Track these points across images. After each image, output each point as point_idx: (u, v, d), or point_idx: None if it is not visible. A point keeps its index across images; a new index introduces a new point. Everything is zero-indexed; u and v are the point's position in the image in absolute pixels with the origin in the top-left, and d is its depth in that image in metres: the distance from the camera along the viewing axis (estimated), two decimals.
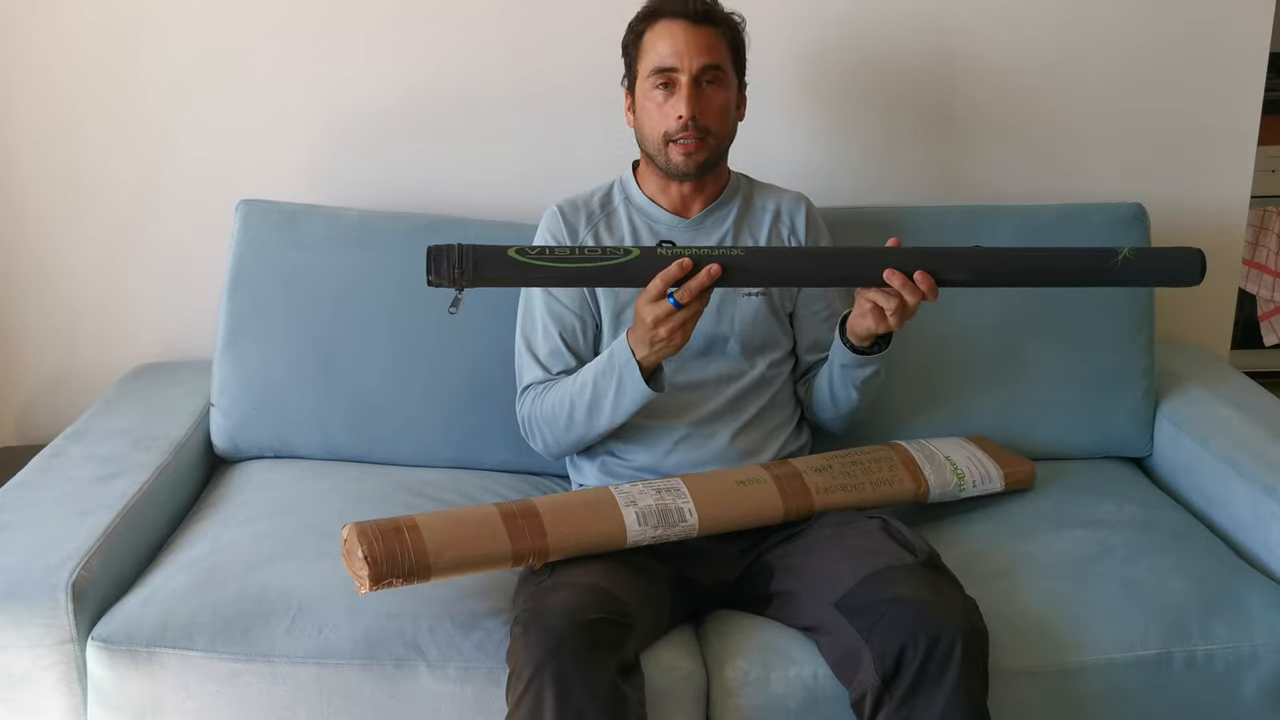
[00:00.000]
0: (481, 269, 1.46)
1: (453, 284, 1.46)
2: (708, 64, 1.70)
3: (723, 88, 1.73)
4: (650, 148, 1.76)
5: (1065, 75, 2.22)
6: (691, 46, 1.69)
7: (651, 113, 1.73)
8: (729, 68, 1.74)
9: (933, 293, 1.54)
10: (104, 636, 1.53)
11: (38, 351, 2.25)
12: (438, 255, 1.45)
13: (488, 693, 1.51)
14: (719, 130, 1.74)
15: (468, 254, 1.45)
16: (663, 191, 1.81)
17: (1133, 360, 2.04)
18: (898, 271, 1.53)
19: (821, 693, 1.52)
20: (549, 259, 1.47)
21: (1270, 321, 3.34)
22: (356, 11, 2.12)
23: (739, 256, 1.52)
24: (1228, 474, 1.84)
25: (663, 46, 1.71)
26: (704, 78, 1.71)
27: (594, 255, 1.49)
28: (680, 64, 1.69)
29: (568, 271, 1.47)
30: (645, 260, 1.50)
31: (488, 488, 1.89)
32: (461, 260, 1.45)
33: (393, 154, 2.18)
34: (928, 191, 2.23)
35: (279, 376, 1.96)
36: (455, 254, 1.45)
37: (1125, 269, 1.54)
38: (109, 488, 1.74)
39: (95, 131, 2.15)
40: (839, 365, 1.77)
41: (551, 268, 1.47)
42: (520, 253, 1.46)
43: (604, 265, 1.49)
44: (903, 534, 1.61)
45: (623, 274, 1.51)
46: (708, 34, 1.71)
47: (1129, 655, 1.57)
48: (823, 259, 1.66)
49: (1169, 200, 2.25)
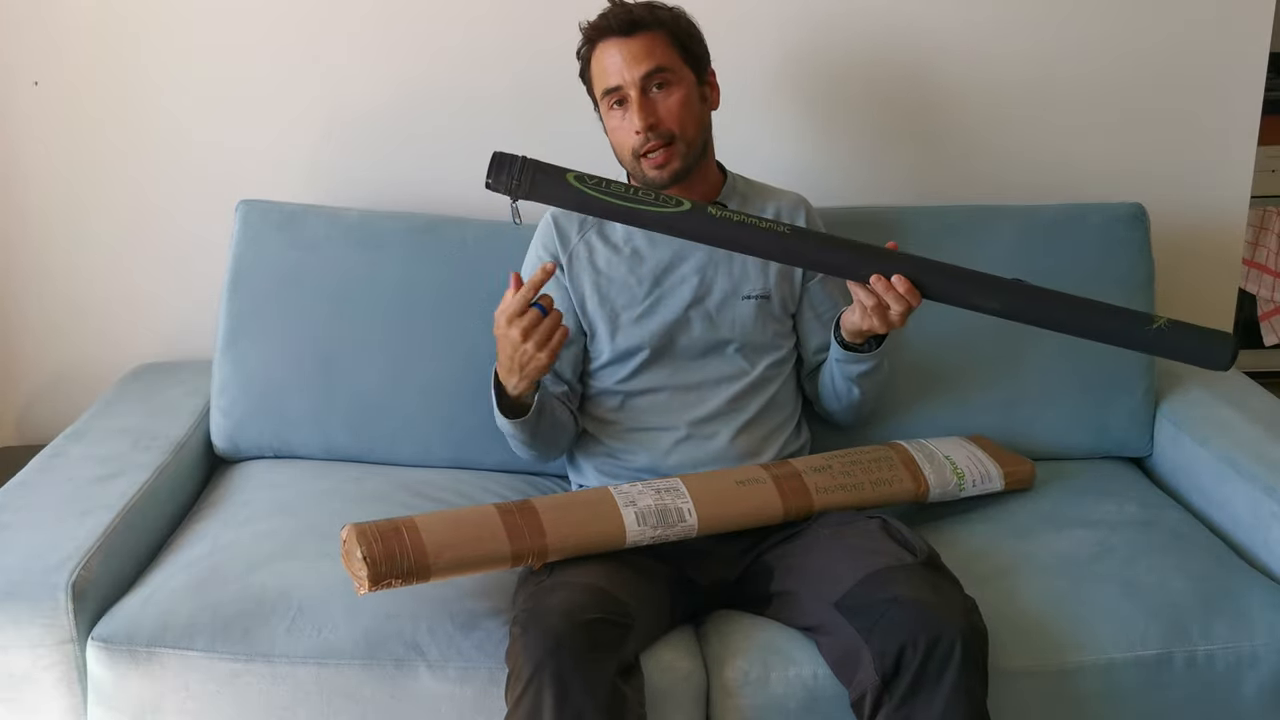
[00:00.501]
0: (538, 185, 1.51)
1: (508, 192, 1.51)
2: (648, 70, 1.70)
3: (675, 87, 1.72)
4: (626, 164, 1.77)
5: (1065, 75, 2.22)
6: (628, 59, 1.70)
7: (616, 133, 1.75)
8: (677, 65, 1.73)
9: (912, 296, 1.55)
10: (104, 636, 1.53)
11: (38, 351, 2.25)
12: (500, 162, 1.51)
13: (488, 693, 1.51)
14: (684, 131, 1.72)
15: (528, 168, 1.51)
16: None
17: (1133, 360, 2.04)
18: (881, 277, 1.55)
19: (821, 693, 1.52)
20: (604, 191, 1.51)
21: (1270, 321, 3.34)
22: (356, 12, 2.12)
23: (783, 235, 1.54)
24: (1228, 474, 1.84)
25: (603, 67, 1.73)
26: (651, 84, 1.70)
27: (647, 199, 1.53)
28: (622, 79, 1.70)
29: (617, 208, 1.52)
30: (694, 215, 1.52)
31: (487, 488, 1.89)
32: (521, 173, 1.51)
33: (392, 154, 2.18)
34: (927, 192, 2.23)
35: (279, 376, 1.96)
36: (517, 165, 1.51)
37: (1156, 338, 1.53)
38: (109, 488, 1.74)
39: (95, 131, 2.15)
40: (835, 360, 1.77)
41: (603, 200, 1.51)
42: (578, 179, 1.51)
43: (654, 210, 1.52)
44: (903, 534, 1.61)
45: (668, 222, 1.53)
46: (642, 41, 1.71)
47: (1129, 655, 1.57)
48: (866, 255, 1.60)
49: (1169, 200, 2.25)
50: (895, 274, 1.55)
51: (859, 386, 1.79)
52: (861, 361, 1.75)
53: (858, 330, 1.67)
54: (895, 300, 1.56)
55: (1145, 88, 2.23)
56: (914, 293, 1.55)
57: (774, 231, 1.54)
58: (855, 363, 1.75)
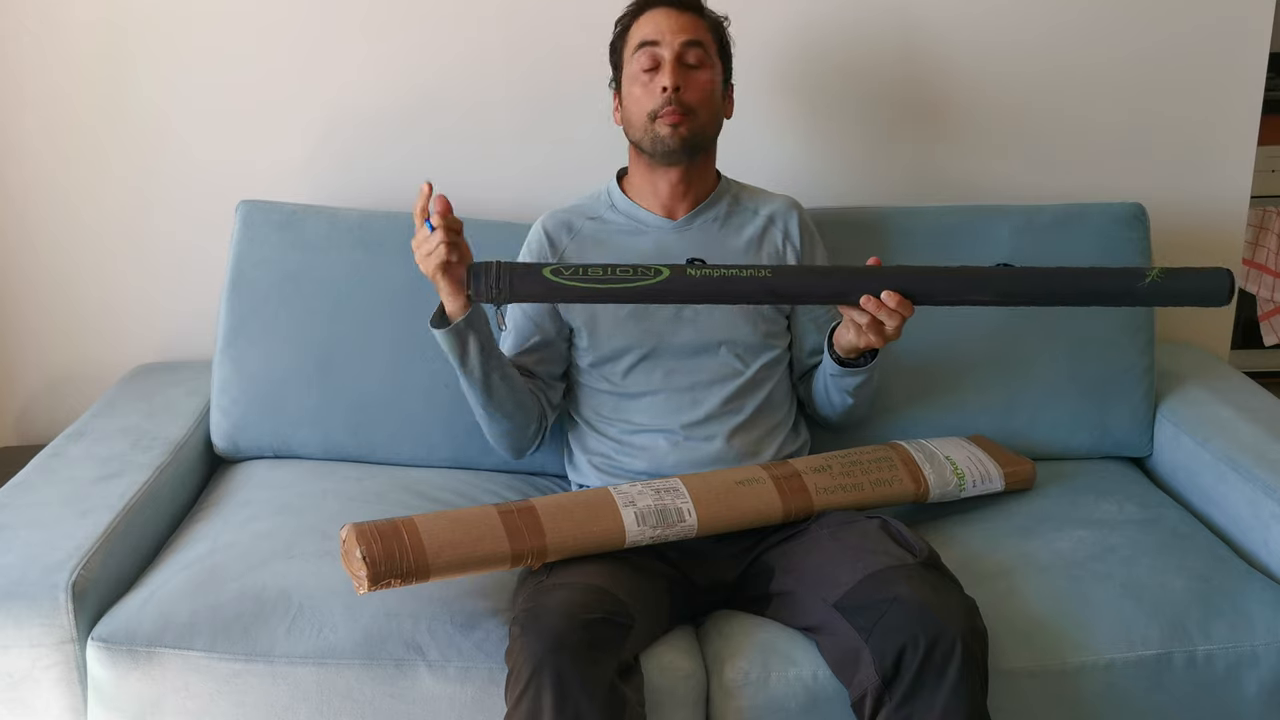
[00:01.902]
0: (518, 287, 1.53)
1: (491, 300, 1.53)
2: (691, 39, 1.73)
3: (706, 69, 1.75)
4: (636, 132, 1.76)
5: (1065, 75, 2.22)
6: (674, 26, 1.73)
7: (637, 94, 1.75)
8: (713, 53, 1.77)
9: (904, 308, 1.56)
10: (104, 636, 1.53)
11: (38, 351, 2.25)
12: (477, 273, 1.53)
13: (488, 693, 1.51)
14: (703, 110, 1.74)
15: (505, 272, 1.53)
16: (651, 193, 1.81)
17: (1133, 360, 2.04)
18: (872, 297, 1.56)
19: (821, 693, 1.52)
20: (582, 279, 1.52)
21: (1270, 321, 3.34)
22: (357, 13, 2.12)
23: (767, 278, 1.55)
24: (1228, 474, 1.84)
25: (647, 27, 1.75)
26: (688, 56, 1.73)
27: (625, 276, 1.53)
28: (663, 39, 1.73)
29: (601, 290, 1.53)
30: (674, 280, 1.54)
31: (487, 488, 1.90)
32: (499, 279, 1.53)
33: (393, 155, 2.18)
34: (927, 192, 2.23)
35: (279, 376, 1.96)
36: (493, 272, 1.53)
37: (1153, 290, 1.56)
38: (109, 488, 1.74)
39: (96, 132, 2.15)
40: (829, 374, 1.78)
41: (583, 288, 1.52)
42: (555, 273, 1.53)
43: (635, 285, 1.53)
44: (903, 534, 1.61)
45: (654, 293, 1.54)
46: (690, 17, 1.75)
47: (1129, 655, 1.57)
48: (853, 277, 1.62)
49: (1169, 200, 2.25)
50: (884, 290, 1.56)
51: (854, 397, 1.81)
52: (856, 375, 1.76)
53: (853, 347, 1.68)
54: (888, 316, 1.57)
55: (1145, 88, 2.23)
56: (905, 304, 1.57)
57: (756, 277, 1.55)
58: (850, 376, 1.77)
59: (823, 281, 1.61)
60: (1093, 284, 1.58)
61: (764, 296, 1.59)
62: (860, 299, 1.57)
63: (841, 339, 1.71)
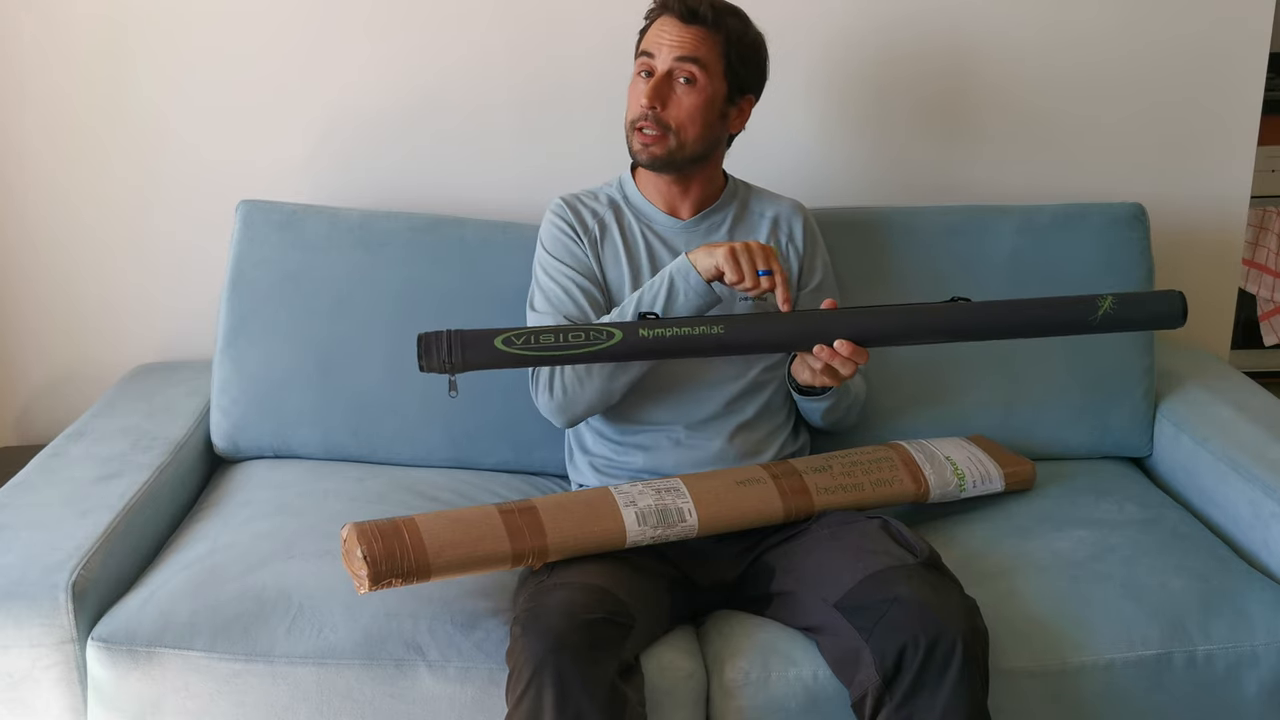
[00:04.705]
0: (470, 358, 1.49)
1: (444, 370, 1.49)
2: (683, 56, 1.70)
3: (697, 90, 1.71)
4: (625, 129, 1.77)
5: (1065, 75, 2.22)
6: (672, 41, 1.71)
7: (630, 96, 1.76)
8: (713, 72, 1.72)
9: (858, 356, 1.55)
10: (104, 636, 1.53)
11: (38, 351, 2.25)
12: (427, 344, 1.49)
13: (488, 693, 1.51)
14: (681, 130, 1.72)
15: (455, 343, 1.49)
16: (656, 192, 1.81)
17: (1133, 360, 2.04)
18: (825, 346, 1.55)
19: (822, 693, 1.52)
20: (535, 347, 1.49)
21: (1270, 321, 3.34)
22: (357, 13, 2.12)
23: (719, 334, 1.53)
24: (1228, 474, 1.84)
25: (652, 35, 1.74)
26: (679, 73, 1.71)
27: (578, 341, 1.51)
28: (659, 53, 1.71)
29: (555, 357, 1.51)
30: (628, 341, 1.52)
31: (487, 488, 1.90)
32: (450, 350, 1.48)
33: (393, 155, 2.18)
34: (927, 192, 2.23)
35: (279, 376, 1.96)
36: (444, 342, 1.48)
37: (1106, 320, 1.55)
38: (109, 488, 1.74)
39: (96, 131, 2.15)
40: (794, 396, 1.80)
41: (537, 356, 1.50)
42: (506, 342, 1.49)
43: (589, 350, 1.51)
44: (903, 534, 1.61)
45: (608, 354, 1.52)
46: (694, 34, 1.71)
47: (1129, 655, 1.57)
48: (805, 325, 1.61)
49: (1169, 200, 2.25)
50: (837, 339, 1.55)
51: (824, 419, 1.83)
52: (820, 401, 1.78)
53: (806, 382, 1.68)
54: (841, 364, 1.57)
55: (1145, 88, 2.23)
56: (860, 352, 1.56)
57: (709, 334, 1.53)
58: (812, 401, 1.78)
59: (775, 331, 1.59)
60: (1047, 315, 1.58)
61: (717, 351, 1.57)
62: (814, 348, 1.56)
63: (797, 373, 1.70)
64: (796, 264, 1.85)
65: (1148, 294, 1.59)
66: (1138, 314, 1.58)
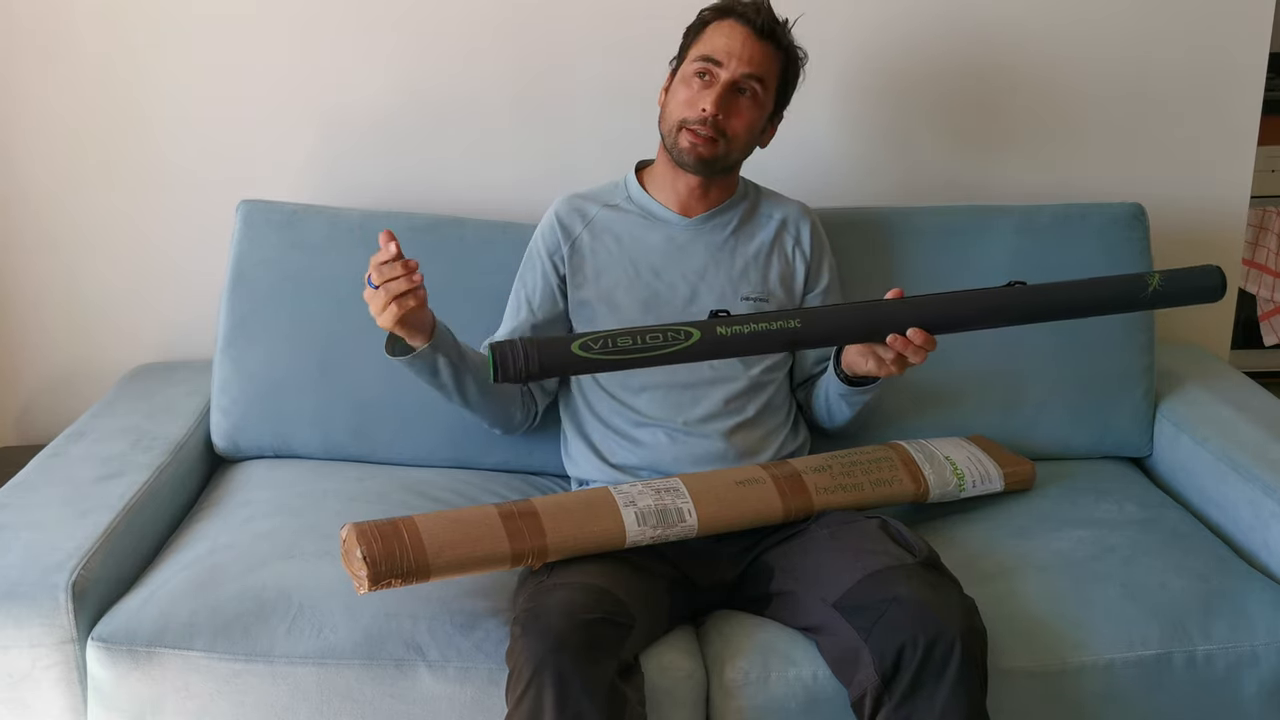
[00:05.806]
0: (549, 365, 1.47)
1: (519, 380, 1.47)
2: (751, 73, 1.71)
3: (756, 105, 1.74)
4: (665, 128, 1.77)
5: (1065, 75, 2.22)
6: (745, 53, 1.71)
7: (681, 95, 1.75)
8: (770, 88, 1.75)
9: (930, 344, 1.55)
10: (104, 636, 1.53)
11: (38, 351, 2.25)
12: (503, 355, 1.44)
13: (488, 693, 1.51)
14: (735, 140, 1.74)
15: (533, 352, 1.45)
16: (670, 188, 1.82)
17: (1133, 360, 2.04)
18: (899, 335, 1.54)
19: (821, 693, 1.52)
20: (613, 351, 1.47)
21: (1270, 321, 3.34)
22: (359, 14, 2.12)
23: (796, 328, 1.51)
24: (1228, 474, 1.84)
25: (719, 40, 1.73)
26: (743, 85, 1.72)
27: (656, 343, 1.48)
28: (726, 62, 1.71)
29: (634, 360, 1.48)
30: (707, 340, 1.49)
31: (487, 488, 1.90)
32: (528, 359, 1.45)
33: (393, 155, 2.18)
34: (928, 192, 2.23)
35: (279, 376, 1.96)
36: (520, 352, 1.45)
37: (1155, 297, 1.58)
38: (109, 488, 1.74)
39: (96, 131, 2.15)
40: (835, 392, 1.78)
41: (614, 359, 1.48)
42: (584, 347, 1.46)
43: (667, 351, 1.48)
44: (902, 534, 1.61)
45: (687, 355, 1.50)
46: (766, 49, 1.73)
47: (1129, 655, 1.57)
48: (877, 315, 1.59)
49: (1169, 200, 2.25)
50: (910, 328, 1.54)
51: (855, 410, 1.82)
52: (865, 393, 1.77)
53: (868, 373, 1.66)
54: (914, 353, 1.56)
55: (1145, 88, 2.23)
56: (931, 340, 1.55)
57: (786, 328, 1.51)
58: (859, 394, 1.77)
59: (849, 322, 1.57)
60: (1104, 295, 1.59)
61: (793, 345, 1.56)
62: (887, 338, 1.55)
63: (856, 365, 1.68)
64: (803, 267, 1.86)
65: (1189, 270, 1.61)
66: (1183, 289, 1.61)
